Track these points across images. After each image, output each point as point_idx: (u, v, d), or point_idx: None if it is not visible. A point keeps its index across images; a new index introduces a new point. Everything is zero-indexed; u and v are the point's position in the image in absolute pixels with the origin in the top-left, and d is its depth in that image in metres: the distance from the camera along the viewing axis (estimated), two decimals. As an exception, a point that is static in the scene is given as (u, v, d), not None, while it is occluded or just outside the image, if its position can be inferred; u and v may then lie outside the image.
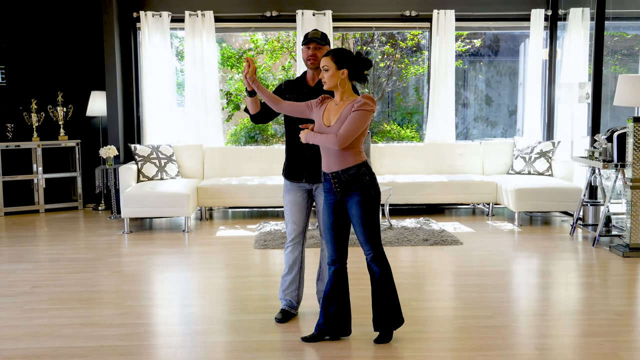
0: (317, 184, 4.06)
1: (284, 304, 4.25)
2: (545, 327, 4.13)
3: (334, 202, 3.76)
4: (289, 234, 4.17)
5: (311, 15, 8.24)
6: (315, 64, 3.98)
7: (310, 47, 3.97)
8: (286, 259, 4.22)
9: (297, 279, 4.25)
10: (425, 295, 4.87)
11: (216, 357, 3.64)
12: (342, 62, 3.61)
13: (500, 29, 8.80)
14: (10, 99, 8.46)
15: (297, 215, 4.13)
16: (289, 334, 3.97)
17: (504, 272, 5.57)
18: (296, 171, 4.07)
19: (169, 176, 7.77)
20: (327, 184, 3.74)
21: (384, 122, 9.86)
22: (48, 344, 3.82)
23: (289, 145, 4.12)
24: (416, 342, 3.84)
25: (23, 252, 6.26)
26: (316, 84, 4.04)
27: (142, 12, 8.19)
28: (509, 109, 10.45)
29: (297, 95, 4.04)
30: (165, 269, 5.71)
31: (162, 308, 4.63)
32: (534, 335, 3.98)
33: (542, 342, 3.82)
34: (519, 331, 4.04)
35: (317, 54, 3.96)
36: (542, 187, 7.23)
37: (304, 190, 4.12)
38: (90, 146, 8.77)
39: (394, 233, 6.74)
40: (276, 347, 3.80)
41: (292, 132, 4.05)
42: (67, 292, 4.92)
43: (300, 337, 3.88)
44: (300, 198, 4.12)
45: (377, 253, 3.80)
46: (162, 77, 8.32)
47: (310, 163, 4.01)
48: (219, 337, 3.94)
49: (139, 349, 3.77)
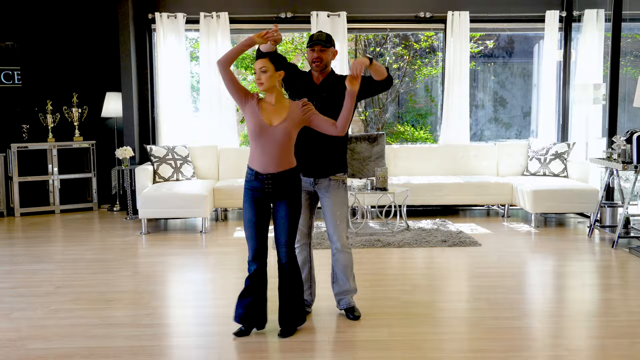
0: (319, 184, 4.05)
1: None
2: (571, 328, 4.14)
3: (260, 201, 3.82)
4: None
5: (326, 16, 8.25)
6: (320, 67, 3.99)
7: (315, 49, 3.98)
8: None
9: (308, 278, 4.27)
10: (450, 296, 4.88)
11: (247, 356, 3.65)
12: (279, 64, 3.72)
13: (515, 30, 8.81)
14: (26, 100, 8.48)
15: (303, 216, 4.13)
16: (308, 334, 3.98)
17: (526, 273, 5.58)
18: (301, 167, 4.03)
19: (184, 177, 7.79)
20: (259, 183, 3.78)
21: (397, 123, 9.87)
22: (79, 344, 3.84)
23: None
24: (446, 342, 3.85)
25: (43, 252, 6.28)
26: (321, 83, 4.03)
27: (158, 14, 8.21)
28: (523, 110, 10.46)
29: (303, 86, 4.03)
30: (186, 270, 5.72)
31: (188, 309, 4.62)
32: (562, 336, 3.99)
33: (571, 344, 3.83)
34: (546, 332, 4.04)
35: (322, 56, 3.98)
36: (559, 189, 7.23)
37: (307, 192, 4.11)
38: (105, 147, 8.78)
39: (411, 234, 6.74)
40: (293, 348, 3.81)
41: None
42: (92, 292, 4.93)
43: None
44: (304, 199, 4.12)
45: (293, 255, 3.93)
46: (176, 78, 8.34)
47: (307, 158, 4.01)
48: (248, 338, 3.94)
49: (169, 349, 3.79)
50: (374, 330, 4.03)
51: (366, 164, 7.98)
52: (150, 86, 8.49)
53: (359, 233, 6.79)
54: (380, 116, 10.18)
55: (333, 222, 4.09)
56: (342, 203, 4.10)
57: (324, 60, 3.98)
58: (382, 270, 5.56)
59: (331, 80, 4.06)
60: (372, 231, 6.91)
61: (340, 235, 4.11)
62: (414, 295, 4.78)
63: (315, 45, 3.97)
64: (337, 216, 4.08)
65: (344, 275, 4.19)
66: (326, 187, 4.07)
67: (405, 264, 5.82)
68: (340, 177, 4.09)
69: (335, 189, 4.07)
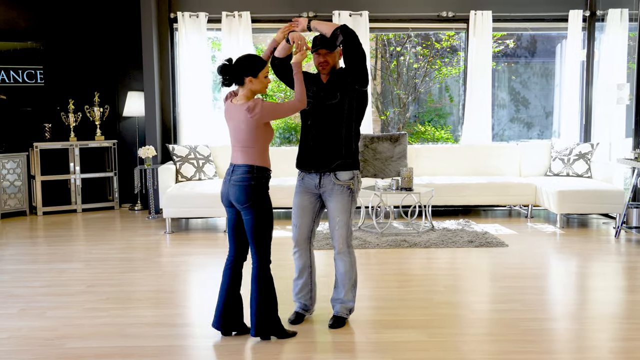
0: (323, 187, 4.01)
1: (297, 307, 4.22)
2: (610, 330, 4.10)
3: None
4: (294, 238, 4.13)
5: (347, 15, 8.24)
6: (327, 69, 3.97)
7: (320, 53, 3.94)
8: (296, 263, 4.18)
9: (308, 282, 4.21)
10: (483, 297, 4.86)
11: (288, 357, 3.64)
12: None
13: (538, 29, 8.76)
14: (48, 99, 8.50)
15: (304, 220, 4.09)
16: (346, 334, 3.96)
17: (557, 274, 5.55)
18: (305, 160, 4.03)
19: (206, 177, 7.79)
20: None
21: (417, 123, 9.85)
22: (116, 343, 3.83)
23: (301, 135, 4.12)
24: (485, 344, 3.82)
25: (69, 251, 6.29)
26: (328, 81, 4.00)
27: (180, 13, 8.21)
28: (545, 110, 10.41)
29: (312, 87, 4.01)
30: (214, 269, 5.69)
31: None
32: (603, 338, 3.96)
33: (613, 346, 3.80)
34: (586, 334, 4.01)
35: (328, 59, 3.95)
36: (584, 190, 7.19)
37: (313, 194, 4.06)
38: (125, 146, 8.80)
39: (437, 235, 6.72)
40: (333, 348, 3.79)
41: (303, 123, 4.06)
42: (123, 291, 4.93)
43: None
44: (308, 202, 4.07)
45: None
46: (198, 77, 8.34)
47: (315, 152, 3.98)
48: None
49: (203, 350, 3.78)
50: (412, 331, 4.01)
51: (388, 164, 7.95)
52: (172, 85, 8.50)
53: (384, 233, 6.77)
54: (402, 115, 10.16)
55: (333, 226, 4.06)
56: (343, 210, 4.01)
57: (331, 63, 3.95)
58: (411, 271, 5.54)
59: (335, 76, 4.02)
60: (397, 231, 6.89)
61: (339, 241, 4.06)
62: (447, 296, 4.76)
63: (320, 49, 3.93)
64: (337, 222, 4.03)
65: (342, 282, 4.13)
66: (330, 191, 4.01)
67: (433, 264, 5.79)
68: (345, 182, 3.99)
69: (338, 194, 3.99)
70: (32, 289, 4.97)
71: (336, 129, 3.97)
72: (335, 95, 3.94)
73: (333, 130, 3.97)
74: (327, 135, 3.97)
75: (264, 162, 3.80)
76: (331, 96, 3.95)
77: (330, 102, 3.94)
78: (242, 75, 3.72)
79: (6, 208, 8.06)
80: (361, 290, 4.82)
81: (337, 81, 3.98)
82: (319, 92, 3.98)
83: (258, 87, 3.77)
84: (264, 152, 3.80)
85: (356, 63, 3.90)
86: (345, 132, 3.97)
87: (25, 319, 4.28)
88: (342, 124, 3.97)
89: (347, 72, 3.93)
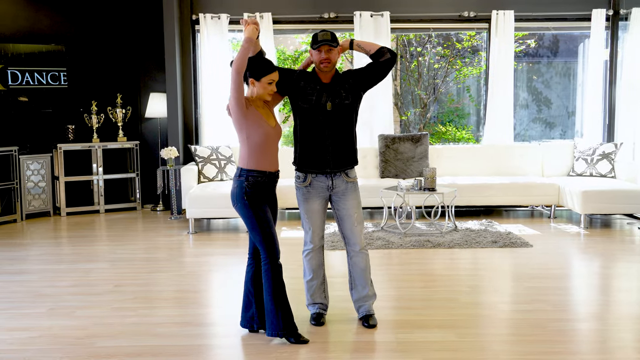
0: (336, 188, 4.01)
1: (316, 308, 4.20)
2: (636, 330, 4.06)
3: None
4: (309, 241, 4.11)
5: (369, 16, 8.23)
6: (328, 67, 3.93)
7: (322, 50, 3.90)
8: (309, 265, 4.15)
9: (323, 281, 4.22)
10: (510, 297, 4.83)
11: (314, 357, 3.65)
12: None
13: (560, 29, 8.69)
14: (72, 101, 8.57)
15: (318, 222, 4.08)
16: (373, 334, 3.96)
17: (584, 274, 5.52)
18: (318, 162, 3.97)
19: (228, 177, 7.81)
20: (272, 183, 3.91)
21: (438, 123, 9.82)
22: (146, 342, 3.86)
23: (305, 135, 3.98)
24: (515, 344, 3.80)
25: (94, 251, 6.34)
26: (332, 80, 3.99)
27: (202, 15, 8.25)
28: (567, 110, 10.33)
29: (313, 86, 3.95)
30: (238, 269, 5.71)
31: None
32: (628, 339, 3.93)
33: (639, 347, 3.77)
34: (611, 335, 3.97)
35: (330, 57, 3.91)
36: (608, 190, 7.13)
37: (322, 197, 4.05)
38: (147, 147, 8.85)
39: (460, 235, 6.70)
40: (360, 348, 3.79)
41: (309, 123, 3.96)
42: (151, 291, 4.97)
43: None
44: (319, 205, 4.06)
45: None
46: (219, 79, 8.37)
47: (332, 152, 3.96)
48: (313, 337, 3.94)
49: (233, 348, 3.79)
50: (440, 331, 4.01)
51: (409, 164, 7.94)
52: (194, 86, 8.54)
53: (407, 234, 6.75)
54: (422, 116, 10.14)
55: (351, 224, 4.05)
56: (358, 205, 4.08)
57: (332, 60, 3.92)
58: (436, 271, 5.52)
59: (339, 76, 4.02)
60: (420, 232, 6.87)
61: (359, 238, 4.08)
62: (473, 297, 4.74)
63: (322, 46, 3.89)
64: (355, 218, 4.05)
65: (363, 279, 4.13)
66: (343, 191, 4.02)
67: (458, 264, 5.77)
68: (354, 178, 4.08)
69: (351, 191, 4.05)
70: (60, 289, 5.02)
71: (350, 129, 4.03)
72: (347, 96, 3.97)
73: (348, 130, 4.01)
74: (343, 136, 3.99)
75: (251, 164, 3.77)
76: (340, 96, 3.95)
77: (344, 103, 3.96)
78: (247, 75, 3.75)
79: (30, 209, 8.14)
80: (386, 290, 4.82)
81: (342, 82, 3.99)
82: (322, 91, 3.95)
83: (260, 90, 3.76)
84: (251, 153, 3.77)
85: (381, 79, 4.07)
86: (355, 131, 4.07)
87: (55, 318, 4.32)
88: (353, 123, 4.05)
89: (365, 80, 4.02)
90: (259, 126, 3.74)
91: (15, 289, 5.04)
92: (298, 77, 4.01)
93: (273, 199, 3.94)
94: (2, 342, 3.90)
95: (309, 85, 3.96)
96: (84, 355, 3.67)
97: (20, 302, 4.71)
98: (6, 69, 7.99)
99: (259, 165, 3.79)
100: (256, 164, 3.78)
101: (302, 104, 3.95)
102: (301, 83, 3.98)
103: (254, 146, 3.77)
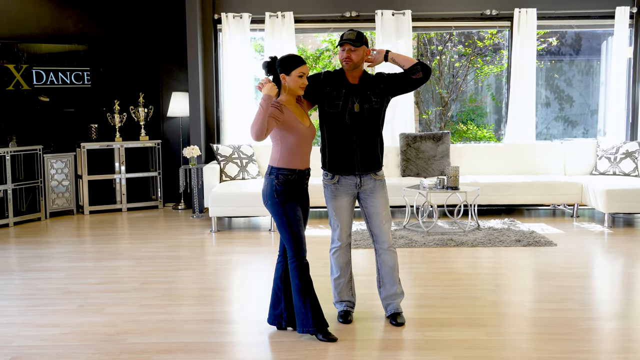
0: (364, 186, 4.03)
1: (343, 305, 4.22)
2: (671, 330, 4.04)
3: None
4: (337, 239, 4.12)
5: (390, 15, 8.23)
6: (350, 65, 3.93)
7: (345, 48, 3.92)
8: (336, 262, 4.17)
9: (350, 278, 4.24)
10: (537, 296, 4.82)
11: (343, 354, 3.66)
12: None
13: (583, 27, 8.62)
14: (95, 100, 8.64)
15: (346, 220, 4.10)
16: (401, 332, 3.97)
17: (610, 274, 5.48)
18: (346, 164, 3.99)
19: (250, 176, 7.85)
20: (303, 181, 3.93)
21: (459, 122, 9.79)
22: (176, 339, 3.89)
23: (333, 139, 4.00)
24: (545, 343, 3.79)
25: (118, 249, 6.40)
26: (360, 81, 4.00)
27: (224, 14, 8.29)
28: (590, 108, 10.26)
29: (339, 90, 3.96)
30: (264, 267, 5.74)
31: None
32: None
33: (675, 346, 3.75)
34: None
35: (352, 56, 3.91)
36: (632, 188, 7.07)
37: (351, 195, 4.06)
38: (169, 146, 8.91)
39: (483, 234, 6.68)
40: (389, 346, 3.80)
41: (336, 127, 3.98)
42: (177, 288, 5.01)
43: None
44: (347, 203, 4.07)
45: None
46: (241, 78, 8.40)
47: (361, 155, 3.98)
48: (342, 336, 3.95)
49: (261, 345, 3.81)
50: (468, 329, 4.00)
51: (431, 162, 7.93)
52: (215, 86, 8.58)
53: (430, 232, 6.75)
54: (443, 114, 10.12)
55: (379, 222, 4.07)
56: (386, 203, 4.11)
57: (354, 60, 3.92)
58: (460, 270, 5.51)
59: (368, 78, 4.04)
60: (443, 230, 6.86)
61: (388, 235, 4.10)
62: (500, 295, 4.74)
63: (345, 45, 3.91)
64: (384, 216, 4.07)
65: (392, 277, 4.15)
66: (371, 189, 4.04)
67: (482, 263, 5.76)
68: (382, 176, 4.10)
69: (380, 189, 4.06)
70: (88, 286, 5.07)
71: (378, 132, 4.05)
72: (377, 101, 3.99)
73: (376, 133, 4.04)
74: (372, 138, 4.01)
75: (282, 163, 3.80)
76: (370, 101, 3.97)
77: (374, 107, 3.97)
78: (277, 72, 3.78)
79: (54, 207, 8.22)
80: (411, 289, 4.82)
81: (372, 86, 4.01)
82: (349, 94, 3.96)
83: (292, 85, 3.79)
84: (284, 152, 3.80)
85: (410, 91, 4.27)
86: (381, 134, 4.10)
87: (85, 315, 4.37)
88: (380, 126, 4.07)
89: (395, 88, 4.06)
90: (293, 126, 3.77)
91: (44, 286, 5.10)
92: (324, 82, 4.03)
93: (305, 197, 3.95)
94: (34, 338, 3.96)
95: (335, 89, 3.98)
96: (115, 352, 3.71)
97: (50, 299, 4.77)
98: (31, 69, 8.07)
99: (290, 164, 3.81)
100: (287, 163, 3.80)
101: (329, 109, 3.97)
102: (327, 88, 4.00)
103: (288, 146, 3.79)
